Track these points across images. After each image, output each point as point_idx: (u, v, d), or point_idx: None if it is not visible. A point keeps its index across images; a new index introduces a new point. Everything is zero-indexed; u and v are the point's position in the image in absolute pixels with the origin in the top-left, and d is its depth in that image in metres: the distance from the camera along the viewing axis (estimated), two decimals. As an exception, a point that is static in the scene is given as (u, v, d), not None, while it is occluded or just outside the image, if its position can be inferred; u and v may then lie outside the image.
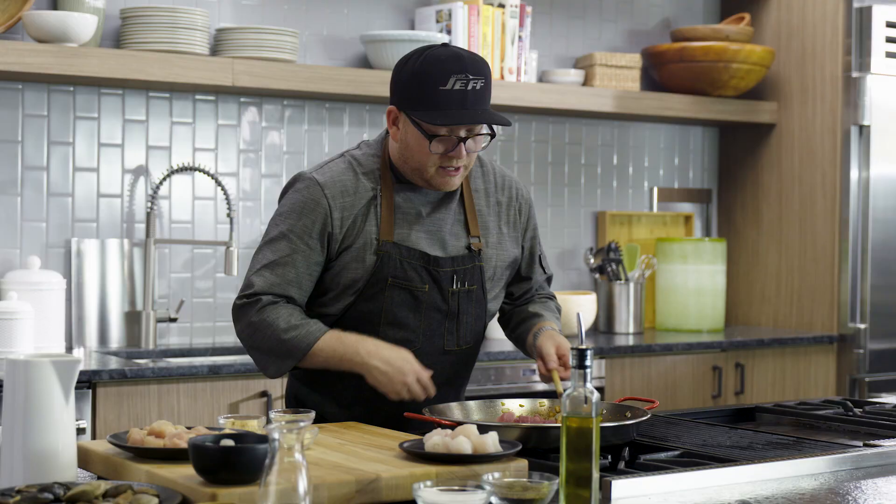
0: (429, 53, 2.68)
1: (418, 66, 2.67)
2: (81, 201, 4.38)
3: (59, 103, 4.34)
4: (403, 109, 2.71)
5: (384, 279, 2.75)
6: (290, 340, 2.71)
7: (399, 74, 2.72)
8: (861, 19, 5.27)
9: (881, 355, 5.31)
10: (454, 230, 2.83)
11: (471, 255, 2.83)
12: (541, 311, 2.99)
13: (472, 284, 2.83)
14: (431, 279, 2.78)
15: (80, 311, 4.34)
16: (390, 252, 2.74)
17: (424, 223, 2.79)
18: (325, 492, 2.00)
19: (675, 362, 4.90)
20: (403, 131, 2.73)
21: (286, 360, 2.74)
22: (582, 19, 5.50)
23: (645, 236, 5.62)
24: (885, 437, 2.71)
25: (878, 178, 5.30)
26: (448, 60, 2.65)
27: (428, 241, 2.79)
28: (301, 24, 4.77)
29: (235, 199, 4.63)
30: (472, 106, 2.67)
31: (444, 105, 2.64)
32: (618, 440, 2.45)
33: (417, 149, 2.70)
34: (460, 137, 2.69)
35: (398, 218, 2.77)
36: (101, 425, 3.75)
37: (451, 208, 2.82)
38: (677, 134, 5.78)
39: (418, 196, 2.80)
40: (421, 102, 2.66)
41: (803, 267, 5.47)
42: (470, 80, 2.65)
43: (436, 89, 2.64)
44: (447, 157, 2.70)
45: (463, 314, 2.83)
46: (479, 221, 2.88)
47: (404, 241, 2.76)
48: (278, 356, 2.74)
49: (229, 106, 4.64)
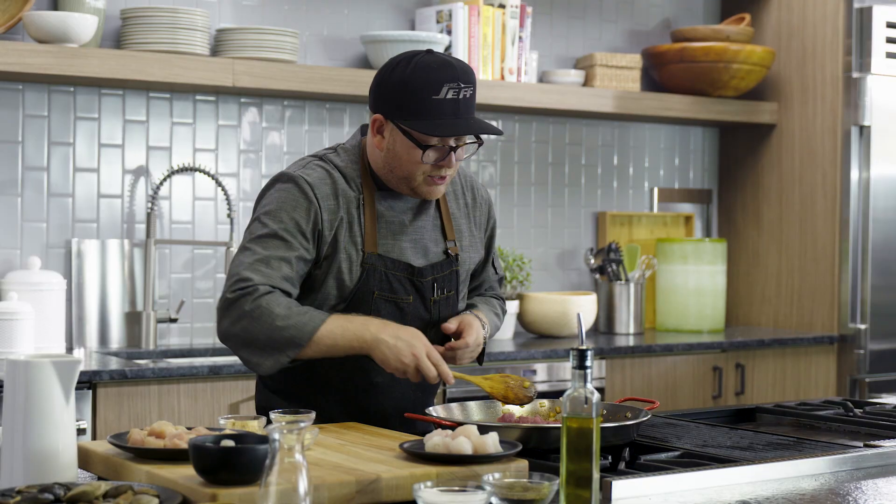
0: (417, 61, 2.63)
1: (408, 74, 2.61)
2: (82, 202, 4.38)
3: (59, 104, 4.34)
4: (392, 118, 2.64)
5: (370, 292, 2.70)
6: (292, 326, 2.55)
7: (385, 82, 2.66)
8: (861, 20, 5.27)
9: (882, 356, 5.31)
10: (433, 236, 2.81)
11: (448, 261, 2.81)
12: (476, 303, 2.95)
13: (449, 290, 2.81)
14: (415, 290, 2.75)
15: (81, 312, 4.34)
16: (375, 265, 2.70)
17: (408, 232, 2.76)
18: (325, 492, 2.00)
19: (675, 363, 4.90)
20: (391, 140, 2.66)
21: (286, 350, 2.57)
22: (582, 20, 5.50)
23: (645, 237, 5.62)
24: (886, 438, 2.71)
25: (878, 178, 5.30)
26: (439, 69, 2.61)
27: (412, 250, 2.76)
28: (301, 25, 4.77)
29: (236, 200, 4.63)
30: (464, 114, 2.63)
31: (437, 114, 2.60)
32: (618, 440, 2.45)
33: (407, 158, 2.65)
34: (451, 147, 2.66)
35: (382, 227, 2.73)
36: (101, 426, 3.75)
37: (429, 214, 2.81)
38: (678, 134, 5.78)
39: (400, 203, 2.76)
40: (412, 112, 2.60)
41: (804, 267, 5.47)
42: (461, 88, 2.61)
43: (428, 98, 2.59)
44: (437, 166, 2.66)
45: (442, 321, 2.80)
46: (454, 225, 2.86)
47: (389, 253, 2.72)
48: (275, 347, 2.56)
49: (230, 106, 4.64)
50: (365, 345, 2.59)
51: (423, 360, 2.58)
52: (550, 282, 5.39)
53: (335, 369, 2.74)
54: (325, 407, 2.76)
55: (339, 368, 2.74)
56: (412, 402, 2.82)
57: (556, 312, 4.94)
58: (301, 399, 2.78)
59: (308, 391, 2.78)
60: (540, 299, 4.95)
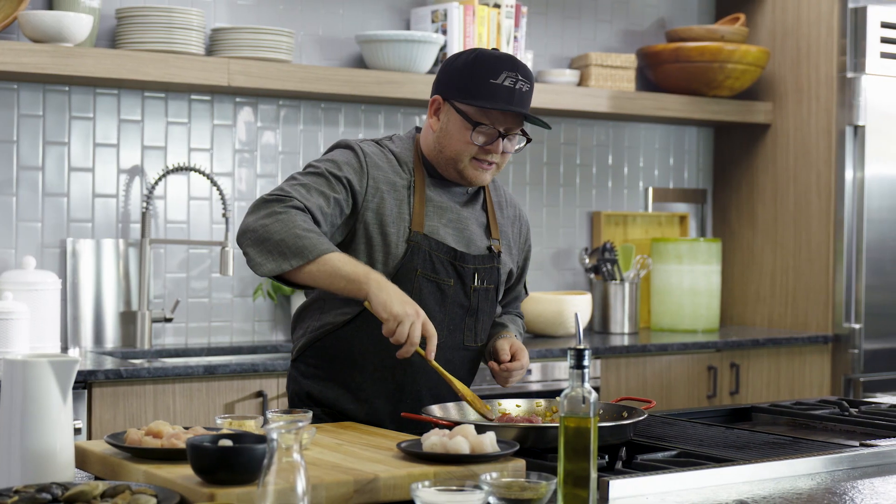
0: (482, 51, 2.80)
1: (472, 59, 2.77)
2: (77, 201, 4.38)
3: (54, 103, 4.33)
4: (449, 98, 2.78)
5: (413, 270, 2.77)
6: (308, 239, 2.58)
7: (449, 66, 2.81)
8: (856, 20, 5.28)
9: (876, 355, 5.32)
10: (478, 231, 2.90)
11: (490, 256, 2.89)
12: (507, 323, 3.06)
13: (490, 283, 2.89)
14: (456, 274, 2.83)
15: (76, 311, 4.34)
16: (420, 243, 2.78)
17: (454, 220, 2.85)
18: (323, 492, 2.00)
19: (670, 362, 4.90)
20: (445, 119, 2.79)
21: (292, 258, 2.58)
22: (577, 19, 5.50)
23: (640, 236, 5.62)
24: (882, 437, 2.71)
25: (872, 178, 5.31)
26: (501, 57, 2.77)
27: (455, 237, 2.84)
28: (296, 25, 4.77)
29: (231, 199, 4.63)
30: (518, 104, 2.76)
31: (493, 97, 2.73)
32: (615, 440, 2.45)
33: (458, 137, 2.77)
34: (500, 133, 2.76)
35: (429, 211, 2.82)
36: (96, 425, 3.75)
37: (475, 209, 2.91)
38: (672, 134, 5.79)
39: (448, 193, 2.87)
40: (470, 92, 2.75)
41: (798, 267, 5.47)
42: (519, 79, 2.75)
43: (486, 80, 2.73)
44: (484, 149, 2.77)
45: (481, 312, 2.89)
46: (500, 229, 2.96)
47: (433, 234, 2.81)
48: (282, 252, 2.58)
49: (225, 106, 4.64)
50: (362, 287, 2.58)
51: (423, 321, 2.56)
52: (546, 281, 5.39)
53: (374, 346, 2.77)
54: (363, 385, 2.81)
55: (377, 346, 2.76)
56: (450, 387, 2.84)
57: (551, 312, 4.94)
58: (337, 378, 2.82)
59: (346, 370, 2.81)
60: (535, 299, 4.95)
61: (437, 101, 2.82)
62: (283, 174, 4.72)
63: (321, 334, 2.83)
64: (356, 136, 4.86)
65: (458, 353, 2.87)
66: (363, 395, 2.81)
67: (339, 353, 2.82)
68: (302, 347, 2.88)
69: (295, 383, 2.91)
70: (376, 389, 2.81)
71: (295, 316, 2.95)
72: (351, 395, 2.82)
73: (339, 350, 2.81)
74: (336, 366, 2.83)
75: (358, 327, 2.78)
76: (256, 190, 4.69)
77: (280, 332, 4.73)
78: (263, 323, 4.70)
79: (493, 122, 2.75)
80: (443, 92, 2.81)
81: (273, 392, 4.02)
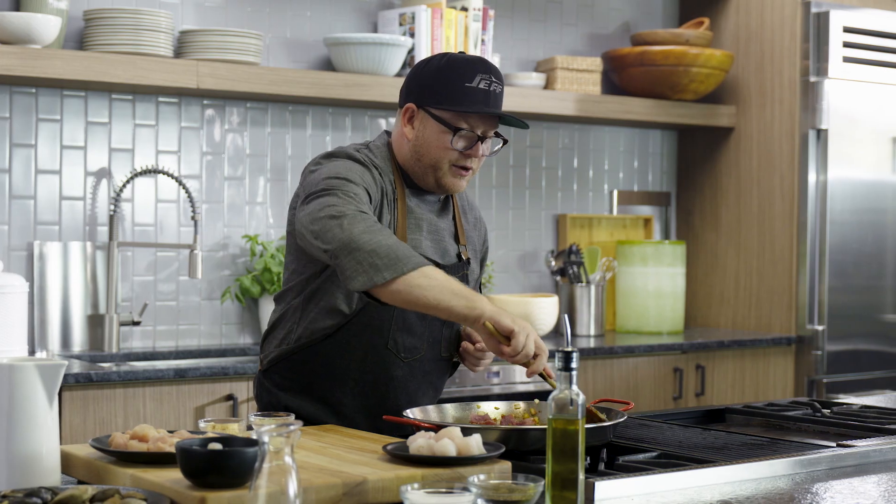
0: (452, 55, 2.78)
1: (444, 63, 2.75)
2: (44, 204, 4.35)
3: (21, 105, 4.30)
4: (424, 105, 2.75)
5: None
6: (404, 248, 2.50)
7: (420, 73, 2.78)
8: (819, 24, 5.33)
9: (838, 357, 5.37)
10: (449, 239, 2.88)
11: (460, 264, 2.87)
12: None
13: None
14: None
15: (43, 315, 4.31)
16: None
17: (431, 230, 2.83)
18: (312, 495, 2.00)
19: (636, 364, 4.93)
20: (421, 127, 2.76)
21: (391, 267, 2.47)
22: (543, 23, 5.52)
23: (605, 239, 5.65)
24: (855, 438, 2.74)
25: (835, 181, 5.36)
26: (473, 60, 2.75)
27: (433, 248, 2.82)
28: (264, 27, 4.76)
29: (199, 202, 4.61)
30: (494, 106, 2.75)
31: (469, 101, 2.71)
32: (595, 442, 2.46)
33: (437, 143, 2.74)
34: (478, 137, 2.75)
35: (410, 223, 2.80)
36: (66, 430, 3.72)
37: (447, 218, 2.89)
38: (637, 137, 5.82)
39: (424, 203, 2.84)
40: (445, 97, 2.72)
41: (762, 269, 5.52)
42: (493, 81, 2.74)
43: (461, 84, 2.71)
44: (464, 155, 2.75)
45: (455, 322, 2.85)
46: (466, 235, 2.94)
47: (416, 248, 2.78)
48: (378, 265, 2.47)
49: (192, 108, 4.62)
50: (476, 307, 2.50)
51: (536, 335, 2.53)
52: (512, 284, 5.41)
53: (356, 362, 2.76)
54: (342, 400, 2.79)
55: (359, 361, 2.75)
56: (427, 398, 2.85)
57: (517, 314, 4.94)
58: (314, 393, 2.80)
59: (325, 385, 2.79)
60: (502, 301, 4.97)
61: (410, 108, 2.77)
62: (251, 177, 4.71)
63: (297, 347, 2.79)
64: (323, 139, 4.86)
65: (437, 364, 2.87)
66: (344, 411, 2.79)
67: (317, 367, 2.78)
68: (275, 359, 2.83)
69: (269, 394, 2.86)
70: (356, 405, 2.79)
71: (269, 326, 2.89)
72: (330, 410, 2.79)
73: (317, 364, 2.78)
74: (314, 380, 2.80)
75: (338, 342, 2.75)
76: (224, 193, 4.67)
77: (248, 335, 4.72)
78: (231, 326, 4.69)
79: (471, 125, 2.74)
80: (416, 99, 2.77)
81: (243, 395, 4.00)
